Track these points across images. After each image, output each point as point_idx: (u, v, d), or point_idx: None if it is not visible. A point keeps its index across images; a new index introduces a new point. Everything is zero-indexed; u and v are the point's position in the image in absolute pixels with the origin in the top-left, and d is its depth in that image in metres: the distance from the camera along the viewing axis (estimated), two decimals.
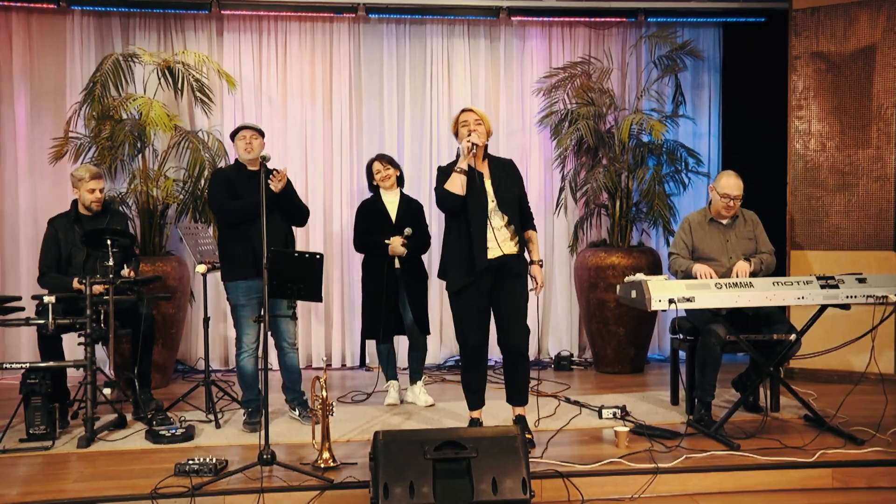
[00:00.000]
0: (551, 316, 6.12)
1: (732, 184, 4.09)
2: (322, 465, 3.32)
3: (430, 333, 4.72)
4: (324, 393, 3.40)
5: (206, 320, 4.47)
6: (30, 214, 5.63)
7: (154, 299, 4.60)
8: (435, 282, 5.73)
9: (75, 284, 4.10)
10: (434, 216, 5.82)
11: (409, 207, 4.63)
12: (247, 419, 4.06)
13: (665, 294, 3.55)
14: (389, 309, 4.50)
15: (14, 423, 3.88)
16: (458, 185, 3.51)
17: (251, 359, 4.08)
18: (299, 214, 4.26)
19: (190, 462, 3.25)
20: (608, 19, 6.02)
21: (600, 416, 4.14)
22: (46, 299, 3.81)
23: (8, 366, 3.97)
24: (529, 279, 3.72)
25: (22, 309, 4.07)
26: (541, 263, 3.78)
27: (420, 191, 5.81)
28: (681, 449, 3.55)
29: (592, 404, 4.38)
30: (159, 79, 5.32)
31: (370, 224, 4.57)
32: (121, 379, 4.59)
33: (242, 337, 4.08)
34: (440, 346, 5.98)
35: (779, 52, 5.47)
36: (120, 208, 5.05)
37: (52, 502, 3.04)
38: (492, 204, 3.59)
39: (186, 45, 5.74)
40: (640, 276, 3.74)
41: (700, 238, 4.17)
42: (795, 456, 3.44)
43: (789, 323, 4.05)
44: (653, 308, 3.54)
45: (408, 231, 4.48)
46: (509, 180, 3.68)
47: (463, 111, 3.68)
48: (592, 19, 6.02)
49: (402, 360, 5.11)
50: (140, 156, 5.33)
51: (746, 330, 4.00)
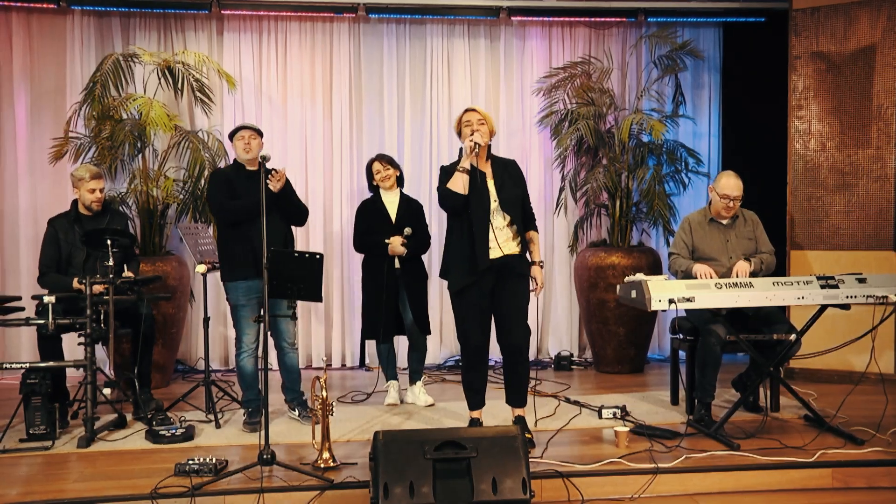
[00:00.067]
0: (551, 316, 6.12)
1: (732, 184, 4.09)
2: (322, 465, 3.32)
3: (430, 333, 4.72)
4: (324, 393, 3.40)
5: (206, 320, 4.47)
6: (30, 214, 5.63)
7: (154, 299, 4.60)
8: (435, 282, 5.74)
9: (75, 284, 4.10)
10: (434, 216, 5.82)
11: (409, 207, 4.63)
12: (247, 419, 4.06)
13: (665, 294, 3.55)
14: (389, 309, 4.50)
15: (14, 423, 3.88)
16: (461, 185, 3.51)
17: (251, 359, 4.08)
18: (298, 214, 4.26)
19: (190, 462, 3.25)
20: (608, 19, 6.01)
21: (600, 416, 4.14)
22: (46, 299, 3.81)
23: (8, 366, 3.97)
24: (530, 280, 3.72)
25: (22, 309, 4.07)
26: (541, 264, 3.78)
27: (420, 191, 5.81)
28: (681, 449, 3.55)
29: (592, 404, 4.38)
30: (159, 79, 5.32)
31: (370, 224, 4.57)
32: (121, 379, 4.59)
33: (242, 337, 4.08)
34: (440, 346, 5.97)
35: (779, 52, 5.47)
36: (120, 208, 5.05)
37: (53, 502, 3.04)
38: (494, 204, 3.59)
39: (186, 45, 5.74)
40: (640, 276, 3.74)
41: (700, 238, 4.17)
42: (795, 456, 3.44)
43: (789, 323, 4.05)
44: (653, 308, 3.54)
45: (408, 231, 4.47)
46: (512, 181, 3.68)
47: (466, 111, 3.68)
48: (592, 19, 6.02)
49: (402, 360, 5.11)
50: (140, 156, 5.33)
51: (746, 330, 4.00)
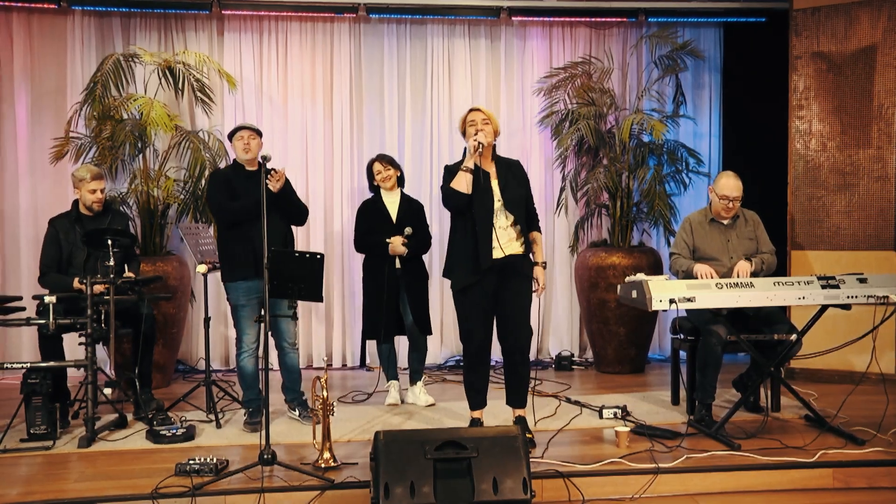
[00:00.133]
0: (552, 316, 6.12)
1: (731, 185, 4.08)
2: (323, 465, 3.32)
3: (431, 333, 4.72)
4: (324, 393, 3.40)
5: (207, 320, 4.48)
6: (30, 214, 5.63)
7: (155, 299, 4.60)
8: (435, 282, 5.74)
9: (76, 284, 4.10)
10: (434, 216, 5.82)
11: (410, 207, 4.63)
12: (247, 419, 4.06)
13: (666, 294, 3.55)
14: (390, 309, 4.50)
15: (15, 423, 3.88)
16: (464, 184, 3.51)
17: (251, 359, 4.08)
18: (298, 214, 4.25)
19: (191, 462, 3.25)
20: (609, 19, 6.01)
21: (601, 416, 4.14)
22: (47, 299, 3.81)
23: (9, 366, 3.97)
24: (533, 280, 3.72)
25: (23, 309, 4.08)
26: (544, 265, 3.79)
27: (420, 191, 5.81)
28: (681, 449, 3.55)
29: (593, 404, 4.38)
30: (160, 79, 5.32)
31: (371, 224, 4.57)
32: (121, 379, 4.60)
33: (243, 337, 4.08)
34: (441, 347, 5.97)
35: (779, 52, 5.46)
36: (121, 208, 5.05)
37: (53, 502, 3.04)
38: (498, 204, 3.59)
39: (187, 45, 5.74)
40: (641, 276, 3.74)
41: (701, 238, 4.17)
42: (796, 456, 3.43)
43: (790, 323, 4.05)
44: (653, 308, 3.54)
45: (408, 231, 4.47)
46: (516, 181, 3.68)
47: (471, 110, 3.68)
48: (593, 19, 6.02)
49: (403, 360, 5.10)
50: (141, 156, 5.33)
51: (747, 330, 4.00)
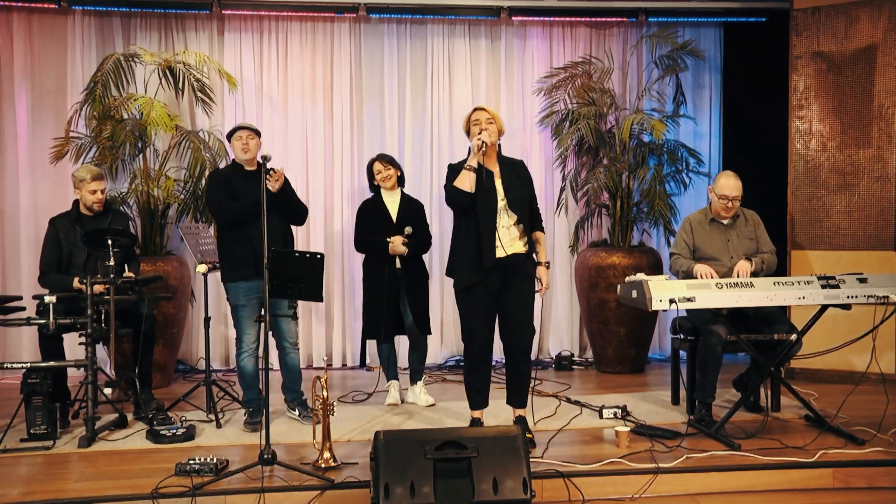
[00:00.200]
0: (552, 316, 6.12)
1: (731, 185, 4.08)
2: (323, 465, 3.32)
3: (431, 333, 4.72)
4: (324, 393, 3.40)
5: (207, 320, 4.48)
6: (30, 214, 5.63)
7: (155, 299, 4.60)
8: (436, 282, 5.74)
9: (76, 284, 4.10)
10: (435, 216, 5.82)
11: (410, 207, 4.63)
12: (247, 419, 4.06)
13: (666, 294, 3.55)
14: (390, 309, 4.50)
15: (15, 423, 3.88)
16: (467, 183, 3.51)
17: (251, 359, 4.08)
18: (298, 214, 4.25)
19: (191, 462, 3.25)
20: (609, 19, 6.01)
21: (601, 416, 4.14)
22: (47, 299, 3.81)
23: (9, 366, 3.97)
24: (536, 280, 3.72)
25: (23, 309, 4.08)
26: (547, 265, 3.78)
27: (421, 191, 5.81)
28: (681, 449, 3.55)
29: (593, 404, 4.38)
30: (160, 79, 5.32)
31: (371, 224, 4.57)
32: (122, 379, 4.60)
33: (243, 337, 4.07)
34: (441, 346, 5.97)
35: (780, 52, 5.46)
36: (121, 208, 5.05)
37: (53, 502, 3.04)
38: (501, 203, 3.59)
39: (187, 45, 5.74)
40: (641, 276, 3.74)
41: (701, 238, 4.17)
42: (796, 456, 3.44)
43: (790, 323, 4.05)
44: (653, 308, 3.54)
45: (408, 230, 4.47)
46: (519, 181, 3.68)
47: (475, 110, 3.68)
48: (593, 19, 6.02)
49: (403, 360, 5.10)
50: (141, 156, 5.33)
51: (747, 330, 4.00)
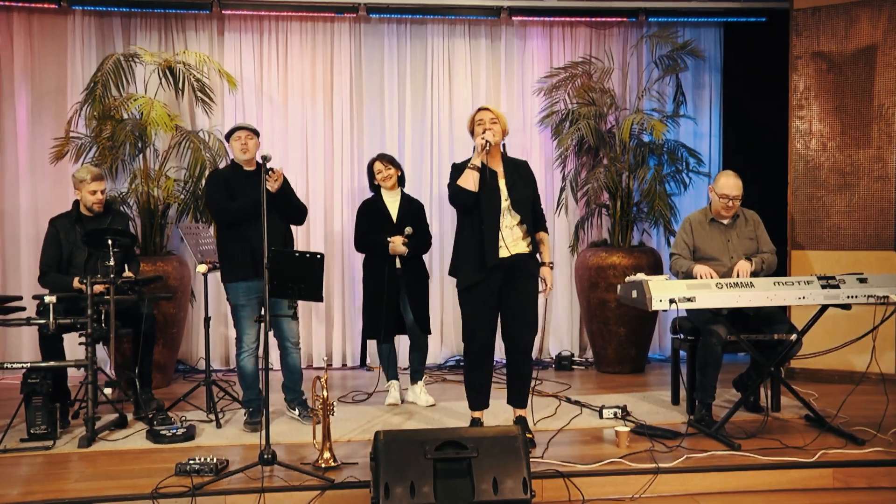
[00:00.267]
0: (552, 316, 6.12)
1: (731, 184, 4.08)
2: (323, 465, 3.32)
3: (431, 333, 4.73)
4: (324, 393, 3.40)
5: (207, 320, 4.48)
6: (31, 214, 5.63)
7: (155, 299, 4.60)
8: (436, 281, 5.74)
9: (76, 284, 4.10)
10: (435, 216, 5.82)
11: (410, 207, 4.63)
12: (247, 419, 4.06)
13: (666, 294, 3.55)
14: (390, 309, 4.50)
15: (15, 423, 3.88)
16: (471, 182, 3.50)
17: (251, 358, 4.08)
18: (297, 213, 4.24)
19: (191, 462, 3.25)
20: (609, 19, 6.01)
21: (601, 416, 4.14)
22: (47, 299, 3.81)
23: (9, 366, 3.98)
24: (539, 280, 3.72)
25: (23, 309, 4.08)
26: (551, 265, 3.78)
27: (421, 191, 5.81)
28: (681, 449, 3.55)
29: (593, 404, 4.38)
30: (160, 79, 5.32)
31: (371, 224, 4.57)
32: (122, 379, 4.60)
33: (243, 337, 4.07)
34: (441, 346, 5.97)
35: (780, 52, 5.46)
36: (121, 208, 5.05)
37: (53, 502, 3.04)
38: (505, 203, 3.59)
39: (187, 45, 5.74)
40: (641, 276, 3.74)
41: (701, 238, 4.17)
42: (796, 456, 3.44)
43: (790, 323, 4.05)
44: (653, 308, 3.54)
45: (408, 230, 4.47)
46: (523, 181, 3.68)
47: (479, 109, 3.67)
48: (593, 19, 6.02)
49: (403, 360, 5.11)
50: (141, 156, 5.33)
51: (747, 330, 4.00)
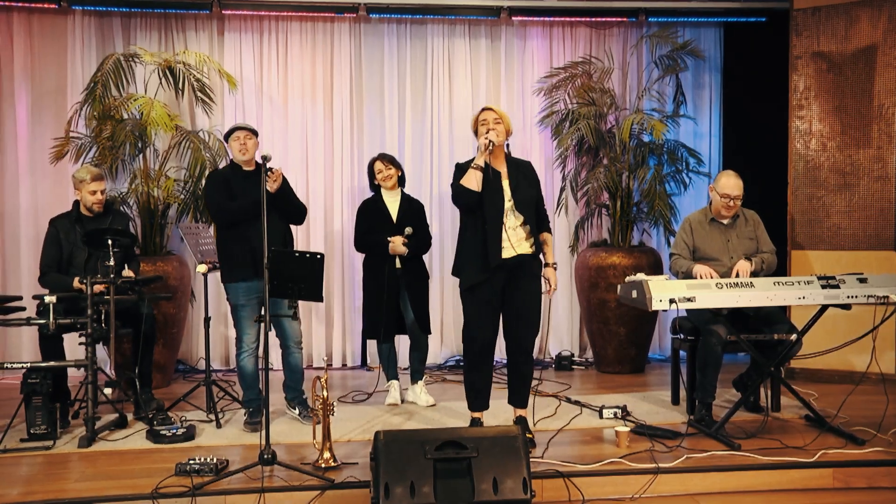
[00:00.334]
0: (552, 316, 6.11)
1: (732, 184, 4.09)
2: (323, 465, 3.32)
3: (431, 333, 4.73)
4: (324, 393, 3.40)
5: (207, 320, 4.48)
6: (31, 214, 5.63)
7: (155, 299, 4.60)
8: (436, 282, 5.74)
9: (76, 284, 4.10)
10: (435, 216, 5.82)
11: (410, 207, 4.63)
12: (248, 419, 4.06)
13: (666, 294, 3.55)
14: (390, 308, 4.50)
15: (15, 423, 3.88)
16: (474, 182, 3.50)
17: (251, 358, 4.08)
18: (297, 213, 4.24)
19: (191, 462, 3.25)
20: (609, 19, 6.01)
21: (601, 416, 4.14)
22: (47, 299, 3.81)
23: (9, 365, 3.98)
24: (543, 281, 3.71)
25: (23, 309, 4.07)
26: (555, 266, 3.77)
27: (420, 191, 5.81)
28: (681, 449, 3.55)
29: (593, 404, 4.38)
30: (160, 79, 5.32)
31: (371, 223, 4.57)
32: (122, 379, 4.60)
33: (243, 337, 4.07)
34: (441, 346, 5.97)
35: (780, 52, 5.46)
36: (121, 208, 5.05)
37: (54, 502, 3.04)
38: (508, 203, 3.58)
39: (187, 45, 5.74)
40: (641, 276, 3.74)
41: (701, 238, 4.17)
42: (796, 456, 3.44)
43: (790, 323, 4.05)
44: (653, 308, 3.54)
45: (409, 230, 4.48)
46: (527, 181, 3.67)
47: (483, 109, 3.67)
48: (593, 19, 6.02)
49: (403, 360, 5.11)
50: (141, 156, 5.33)
51: (747, 330, 4.00)
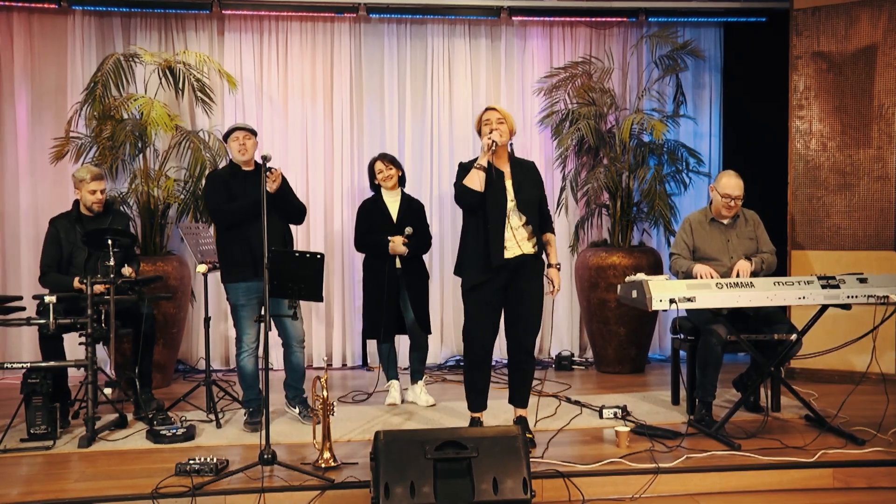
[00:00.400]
0: (552, 316, 6.11)
1: (733, 184, 4.09)
2: (323, 465, 3.32)
3: (431, 333, 4.73)
4: (324, 393, 3.40)
5: (207, 320, 4.48)
6: (31, 214, 5.63)
7: (155, 299, 4.60)
8: (436, 282, 5.74)
9: (76, 284, 4.10)
10: (435, 216, 5.82)
11: (410, 207, 4.63)
12: (248, 419, 4.06)
13: (666, 294, 3.55)
14: (390, 308, 4.50)
15: (15, 423, 3.88)
16: (477, 182, 3.50)
17: (251, 358, 4.08)
18: (297, 213, 4.24)
19: (191, 462, 3.25)
20: (609, 19, 6.01)
21: (601, 416, 4.14)
22: (47, 299, 3.81)
23: (9, 365, 3.98)
24: (546, 282, 3.71)
25: (23, 309, 4.08)
26: (559, 267, 3.76)
27: (420, 191, 5.81)
28: (681, 449, 3.55)
29: (593, 404, 4.38)
30: (160, 79, 5.32)
31: (371, 223, 4.57)
32: (122, 379, 4.60)
33: (243, 336, 4.07)
34: (441, 346, 5.97)
35: (780, 52, 5.46)
36: (121, 208, 5.05)
37: (54, 502, 3.04)
38: (511, 203, 3.58)
39: (187, 45, 5.75)
40: (641, 276, 3.74)
41: (701, 238, 4.17)
42: (796, 456, 3.44)
43: (790, 323, 4.05)
44: (654, 308, 3.54)
45: (409, 230, 4.48)
46: (530, 182, 3.67)
47: (486, 109, 3.66)
48: (593, 19, 6.02)
49: (403, 360, 5.10)
50: (141, 156, 5.33)
51: (747, 330, 4.00)
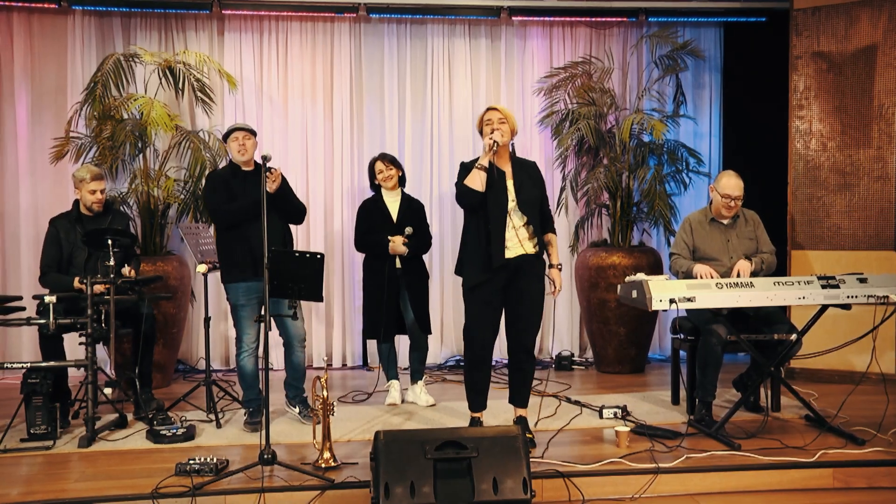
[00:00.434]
0: (552, 316, 6.10)
1: (733, 184, 4.09)
2: (323, 465, 3.33)
3: (431, 333, 4.72)
4: (324, 393, 3.40)
5: (207, 320, 4.48)
6: (31, 214, 5.63)
7: (155, 299, 4.60)
8: (436, 282, 5.74)
9: (76, 284, 4.10)
10: (435, 216, 5.82)
11: (411, 207, 4.63)
12: (248, 419, 4.06)
13: (666, 294, 3.55)
14: (390, 308, 4.50)
15: (15, 423, 3.88)
16: (478, 182, 3.50)
17: (251, 358, 4.08)
18: (297, 213, 4.23)
19: (191, 462, 3.25)
20: (609, 19, 6.01)
21: (601, 416, 4.14)
22: (47, 299, 3.81)
23: (9, 365, 3.98)
24: (547, 282, 3.71)
25: (23, 308, 4.07)
26: (560, 267, 3.76)
27: (421, 191, 5.81)
28: (681, 449, 3.55)
29: (593, 404, 4.38)
30: (160, 79, 5.32)
31: (371, 223, 4.57)
32: (122, 379, 4.60)
33: (243, 336, 4.07)
34: (441, 346, 5.97)
35: (780, 52, 5.47)
36: (121, 208, 5.05)
37: (54, 502, 3.04)
38: (512, 203, 3.58)
39: (187, 45, 5.75)
40: (641, 276, 3.74)
41: (701, 238, 4.17)
42: (796, 456, 3.44)
43: (790, 323, 4.05)
44: (654, 308, 3.54)
45: (409, 230, 4.48)
46: (531, 182, 3.66)
47: (488, 109, 3.66)
48: (593, 19, 6.02)
49: (403, 360, 5.11)
50: (141, 156, 5.33)
51: (747, 330, 4.00)
